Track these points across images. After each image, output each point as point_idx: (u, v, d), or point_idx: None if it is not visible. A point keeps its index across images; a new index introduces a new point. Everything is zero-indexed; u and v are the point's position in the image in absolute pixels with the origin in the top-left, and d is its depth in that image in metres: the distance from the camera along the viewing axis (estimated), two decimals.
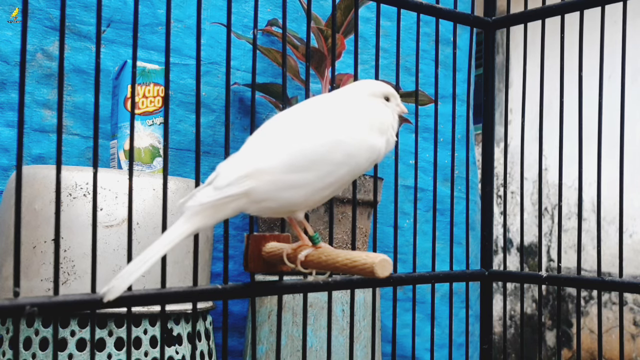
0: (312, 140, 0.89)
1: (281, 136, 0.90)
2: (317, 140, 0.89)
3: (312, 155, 0.88)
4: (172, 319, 1.36)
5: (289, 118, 0.93)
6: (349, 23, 1.69)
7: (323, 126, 0.91)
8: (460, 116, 2.16)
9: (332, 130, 0.90)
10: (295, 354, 1.58)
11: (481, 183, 1.52)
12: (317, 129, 0.90)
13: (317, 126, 0.91)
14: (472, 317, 2.14)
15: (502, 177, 3.56)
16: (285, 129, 0.91)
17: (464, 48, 2.20)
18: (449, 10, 1.36)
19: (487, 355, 1.48)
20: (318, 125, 0.91)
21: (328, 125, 0.91)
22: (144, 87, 1.46)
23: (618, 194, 1.28)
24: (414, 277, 1.28)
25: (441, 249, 2.04)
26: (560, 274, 1.35)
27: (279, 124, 0.92)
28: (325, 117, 0.92)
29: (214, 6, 1.81)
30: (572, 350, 3.48)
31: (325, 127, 0.90)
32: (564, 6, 1.35)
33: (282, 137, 0.90)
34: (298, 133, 0.90)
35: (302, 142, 0.89)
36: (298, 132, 0.90)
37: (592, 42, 1.36)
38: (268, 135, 0.91)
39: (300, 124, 0.91)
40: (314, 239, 0.96)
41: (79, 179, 1.29)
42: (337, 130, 0.90)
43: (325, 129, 0.90)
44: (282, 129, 0.91)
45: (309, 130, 0.90)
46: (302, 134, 0.90)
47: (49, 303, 0.86)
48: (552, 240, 3.62)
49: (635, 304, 3.22)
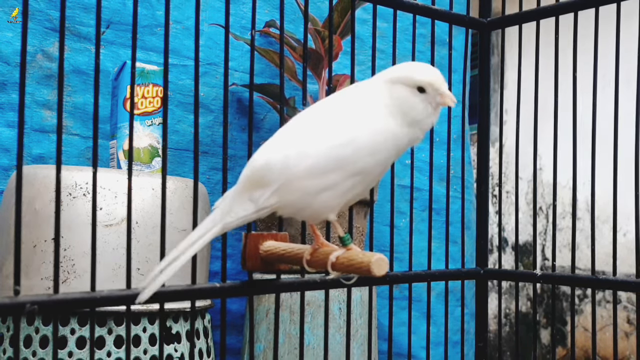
0: (333, 139, 0.85)
1: (305, 138, 0.87)
2: (337, 139, 0.85)
3: (334, 156, 0.85)
4: (171, 317, 1.37)
5: (312, 116, 0.90)
6: (345, 24, 1.70)
7: (344, 122, 0.87)
8: (456, 116, 2.17)
9: (352, 127, 0.86)
10: (292, 352, 1.59)
11: (476, 183, 1.53)
12: (338, 126, 0.87)
13: (338, 123, 0.87)
14: (468, 315, 2.15)
15: (497, 177, 3.57)
16: (308, 128, 0.88)
17: (460, 49, 2.21)
18: (444, 11, 1.37)
19: (483, 353, 1.48)
20: (339, 122, 0.87)
21: (349, 120, 0.87)
22: (143, 88, 1.47)
23: (612, 194, 1.28)
24: (410, 275, 1.29)
25: (437, 247, 2.05)
26: (555, 272, 1.36)
27: (304, 121, 0.90)
28: (347, 111, 0.88)
29: (212, 8, 1.82)
30: (567, 348, 3.49)
31: (346, 123, 0.87)
32: (558, 7, 1.36)
33: (306, 138, 0.86)
34: (318, 133, 0.87)
35: (323, 143, 0.85)
36: (318, 131, 0.87)
37: (586, 43, 1.36)
38: (291, 135, 0.88)
39: (323, 121, 0.88)
40: (345, 240, 0.93)
41: (79, 178, 1.29)
42: (355, 126, 0.86)
43: (345, 125, 0.87)
44: (305, 128, 0.88)
45: (330, 128, 0.87)
46: (322, 133, 0.86)
47: (49, 301, 0.86)
48: (546, 239, 3.63)
49: (629, 303, 3.24)
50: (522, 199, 3.64)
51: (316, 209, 0.87)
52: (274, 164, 0.86)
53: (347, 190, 0.87)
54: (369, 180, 0.89)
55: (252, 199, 0.87)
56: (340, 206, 0.89)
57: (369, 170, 0.87)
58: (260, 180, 0.86)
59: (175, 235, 1.34)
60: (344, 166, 0.85)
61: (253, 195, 0.87)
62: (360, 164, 0.86)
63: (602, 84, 1.39)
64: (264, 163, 0.87)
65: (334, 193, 0.86)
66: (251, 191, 0.87)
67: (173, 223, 1.34)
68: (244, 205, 0.87)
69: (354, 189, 0.88)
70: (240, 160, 1.86)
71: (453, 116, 2.12)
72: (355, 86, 0.93)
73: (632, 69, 1.28)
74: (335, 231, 0.94)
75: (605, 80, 1.50)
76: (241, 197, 0.87)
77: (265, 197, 0.86)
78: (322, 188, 0.86)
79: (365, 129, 0.87)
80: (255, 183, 0.87)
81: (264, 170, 0.86)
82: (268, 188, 0.86)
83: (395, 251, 1.85)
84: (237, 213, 0.87)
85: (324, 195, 0.86)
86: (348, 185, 0.86)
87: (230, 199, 0.89)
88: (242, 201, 0.87)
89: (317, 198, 0.86)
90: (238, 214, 0.87)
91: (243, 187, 0.88)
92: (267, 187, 0.86)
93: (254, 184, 0.87)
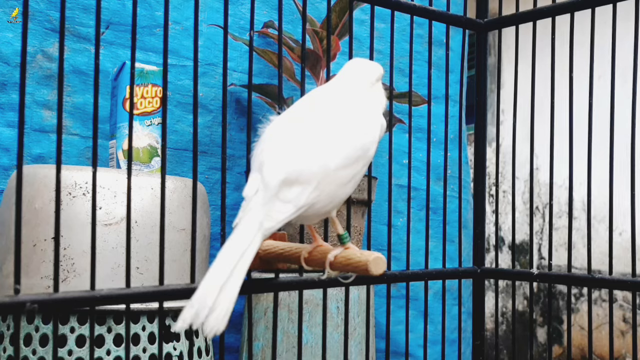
0: (357, 131, 0.91)
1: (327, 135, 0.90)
2: (360, 130, 0.92)
3: (361, 146, 0.91)
4: (170, 315, 1.37)
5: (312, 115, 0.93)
6: (343, 25, 1.70)
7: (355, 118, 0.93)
8: (453, 116, 2.18)
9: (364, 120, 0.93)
10: (290, 350, 1.59)
11: (473, 182, 1.53)
12: (353, 121, 0.92)
13: (349, 117, 0.93)
14: (465, 313, 2.16)
15: (494, 177, 3.58)
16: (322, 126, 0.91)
17: (457, 50, 2.21)
18: (441, 12, 1.37)
19: (480, 351, 1.49)
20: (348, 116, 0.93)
21: (357, 115, 0.93)
22: (142, 88, 1.47)
23: (608, 193, 1.28)
24: (407, 274, 1.29)
25: (434, 247, 2.05)
26: (551, 271, 1.36)
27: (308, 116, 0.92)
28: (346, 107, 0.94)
29: (211, 8, 1.82)
30: (563, 346, 3.50)
31: (357, 118, 0.93)
32: (554, 8, 1.36)
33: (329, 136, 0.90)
34: (340, 128, 0.91)
35: (350, 137, 0.90)
36: (338, 127, 0.91)
37: (583, 44, 1.37)
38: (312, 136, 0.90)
39: (334, 118, 0.92)
40: (343, 237, 0.95)
41: (79, 178, 1.29)
42: (365, 119, 0.94)
43: (358, 119, 0.93)
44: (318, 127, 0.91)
45: (346, 123, 0.92)
46: (344, 128, 0.91)
47: (49, 300, 0.87)
48: (543, 238, 3.64)
49: (624, 301, 3.25)
50: (518, 199, 3.64)
51: (338, 202, 0.92)
52: (312, 162, 0.88)
53: (358, 180, 0.93)
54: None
55: (288, 200, 0.87)
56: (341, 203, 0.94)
57: (372, 156, 0.95)
58: (296, 180, 0.87)
59: (174, 234, 1.35)
60: (365, 153, 0.92)
61: (287, 197, 0.87)
62: (372, 150, 0.93)
63: (598, 84, 1.40)
64: (301, 163, 0.88)
65: (355, 181, 0.92)
66: (286, 194, 0.87)
67: (172, 222, 1.35)
68: (280, 208, 0.87)
69: (359, 180, 0.94)
70: (239, 160, 1.86)
71: (450, 116, 2.14)
72: (335, 87, 0.98)
73: (628, 69, 1.29)
74: (335, 229, 0.95)
75: (601, 81, 1.51)
76: (274, 203, 0.87)
77: (306, 194, 0.87)
78: (351, 176, 0.91)
79: (372, 120, 0.95)
80: (292, 184, 0.87)
81: (302, 170, 0.87)
82: (307, 185, 0.87)
83: (393, 250, 1.86)
84: (276, 217, 0.86)
85: (348, 186, 0.91)
86: (360, 175, 0.93)
87: (260, 206, 0.87)
88: (277, 206, 0.87)
89: (343, 190, 0.91)
90: (278, 218, 0.86)
91: (273, 193, 0.87)
92: (306, 184, 0.87)
93: (289, 185, 0.87)
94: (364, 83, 0.98)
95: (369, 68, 1.00)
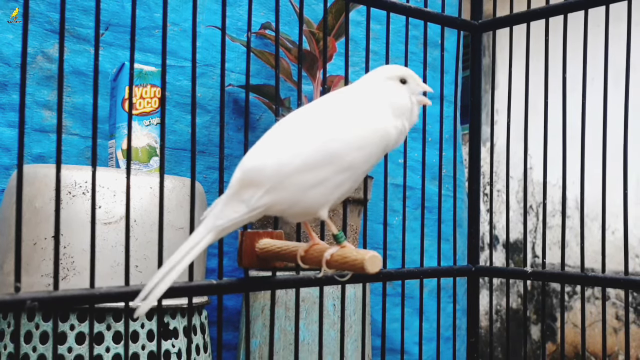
0: (323, 135, 0.87)
1: (294, 136, 0.88)
2: (327, 134, 0.87)
3: (325, 150, 0.87)
4: (168, 313, 1.37)
5: (302, 116, 0.92)
6: (340, 26, 1.71)
7: (333, 119, 0.89)
8: (448, 117, 2.19)
9: (341, 122, 0.89)
10: (287, 348, 1.60)
11: (468, 181, 1.54)
12: (328, 122, 0.89)
13: (328, 120, 0.89)
14: (460, 311, 2.16)
15: (488, 176, 3.59)
16: (298, 127, 0.90)
17: (452, 50, 2.22)
18: (436, 13, 1.38)
19: (474, 348, 1.50)
20: (328, 119, 0.89)
21: (338, 117, 0.90)
22: (141, 89, 1.48)
23: (601, 192, 1.29)
24: (403, 272, 1.30)
25: (429, 245, 2.07)
26: (545, 269, 1.37)
27: (293, 122, 0.91)
28: (336, 108, 0.91)
29: (209, 10, 1.83)
30: (557, 343, 3.52)
31: (335, 120, 0.89)
32: (548, 10, 1.37)
33: (295, 137, 0.88)
34: (309, 130, 0.88)
35: (313, 140, 0.87)
36: (309, 129, 0.88)
37: (576, 45, 1.37)
38: (282, 136, 0.89)
39: (312, 120, 0.90)
40: (338, 237, 0.94)
41: (78, 177, 1.30)
42: (344, 121, 0.89)
43: (335, 121, 0.89)
44: (294, 128, 0.90)
45: (320, 125, 0.89)
46: (313, 130, 0.88)
47: (49, 298, 0.87)
48: (536, 237, 3.65)
49: (617, 299, 3.26)
50: (512, 198, 3.65)
51: (306, 206, 0.88)
52: (266, 164, 0.87)
53: (337, 186, 0.88)
54: (357, 176, 0.90)
55: (244, 200, 0.87)
56: (329, 203, 0.91)
57: (357, 164, 0.89)
58: (252, 181, 0.87)
59: (173, 233, 1.36)
60: (334, 161, 0.87)
61: (244, 197, 0.87)
62: (349, 158, 0.88)
63: (591, 85, 1.41)
64: (256, 164, 0.88)
65: (324, 189, 0.88)
66: (242, 193, 0.88)
67: (170, 221, 1.36)
68: (235, 207, 0.87)
69: (343, 186, 0.89)
70: (237, 160, 1.85)
71: (445, 116, 2.15)
72: (340, 91, 0.96)
73: (621, 70, 1.30)
74: (329, 229, 0.95)
75: (594, 81, 1.52)
76: (232, 201, 0.88)
77: (257, 196, 0.87)
78: (313, 184, 0.87)
79: (353, 123, 0.89)
80: (247, 184, 0.87)
81: (256, 170, 0.87)
82: (260, 187, 0.87)
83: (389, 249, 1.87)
84: (228, 216, 0.87)
85: (314, 191, 0.87)
86: (337, 181, 0.88)
87: (221, 204, 0.89)
88: (233, 204, 0.88)
89: (308, 194, 0.87)
90: (229, 217, 0.87)
91: (234, 191, 0.88)
92: (260, 186, 0.87)
93: (245, 185, 0.88)
94: (375, 81, 0.94)
95: (387, 67, 0.96)
